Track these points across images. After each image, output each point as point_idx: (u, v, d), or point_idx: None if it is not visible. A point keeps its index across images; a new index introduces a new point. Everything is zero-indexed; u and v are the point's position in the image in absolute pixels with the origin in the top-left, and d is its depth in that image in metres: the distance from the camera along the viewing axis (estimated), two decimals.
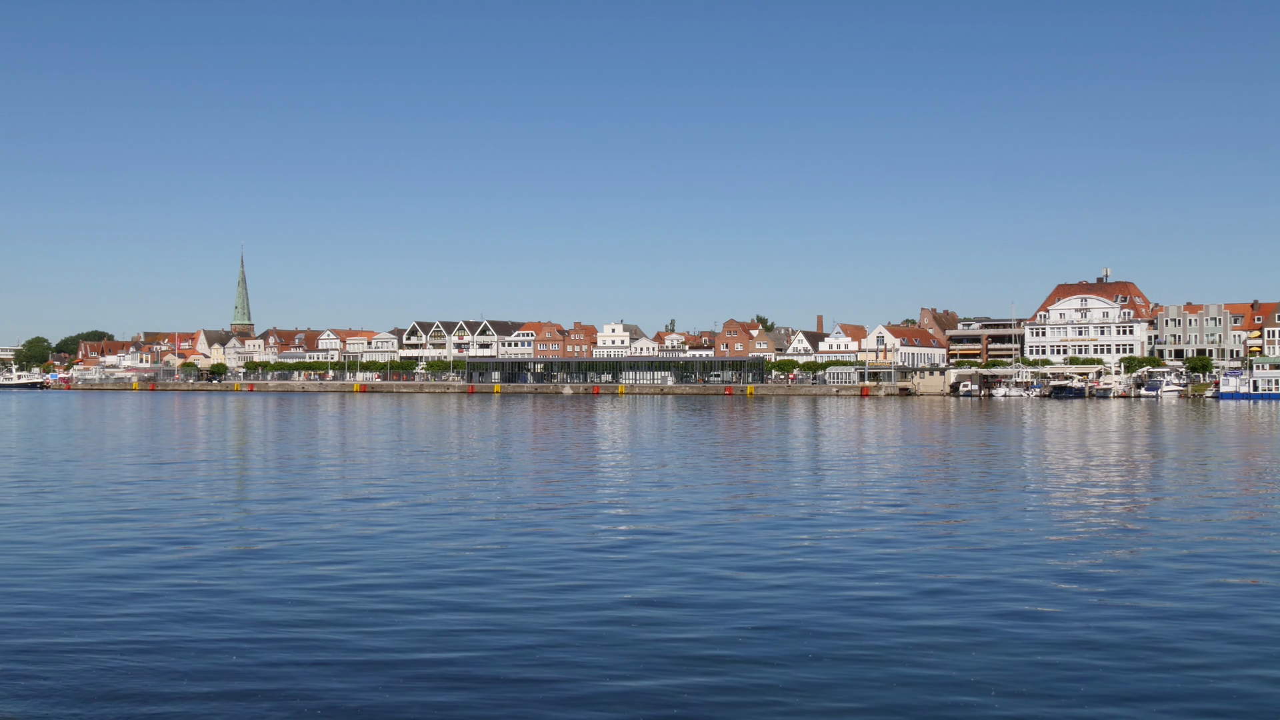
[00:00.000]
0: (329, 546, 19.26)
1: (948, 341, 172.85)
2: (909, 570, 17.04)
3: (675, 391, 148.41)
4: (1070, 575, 16.65)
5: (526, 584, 15.93)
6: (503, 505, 25.50)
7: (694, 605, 14.63)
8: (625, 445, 46.84)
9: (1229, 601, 14.86)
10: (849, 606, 14.55)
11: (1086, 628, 13.35)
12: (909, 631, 13.24)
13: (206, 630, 13.22)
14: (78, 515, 23.16)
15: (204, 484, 30.21)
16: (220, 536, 20.46)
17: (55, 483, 30.07)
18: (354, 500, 26.24)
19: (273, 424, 66.95)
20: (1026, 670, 11.66)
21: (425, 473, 33.90)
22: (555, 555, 18.41)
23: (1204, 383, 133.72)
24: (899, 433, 57.87)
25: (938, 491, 29.05)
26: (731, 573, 16.86)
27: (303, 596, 15.09)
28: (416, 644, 12.65)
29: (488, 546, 19.32)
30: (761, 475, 33.51)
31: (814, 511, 24.30)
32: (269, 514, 23.71)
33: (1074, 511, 24.61)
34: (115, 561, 17.67)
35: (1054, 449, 44.99)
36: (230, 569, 17.13)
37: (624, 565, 17.55)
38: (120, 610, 14.25)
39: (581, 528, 21.72)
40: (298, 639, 12.83)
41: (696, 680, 11.33)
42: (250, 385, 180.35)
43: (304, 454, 41.64)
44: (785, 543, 19.72)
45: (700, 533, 21.01)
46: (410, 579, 16.32)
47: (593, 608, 14.48)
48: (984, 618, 13.90)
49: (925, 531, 21.23)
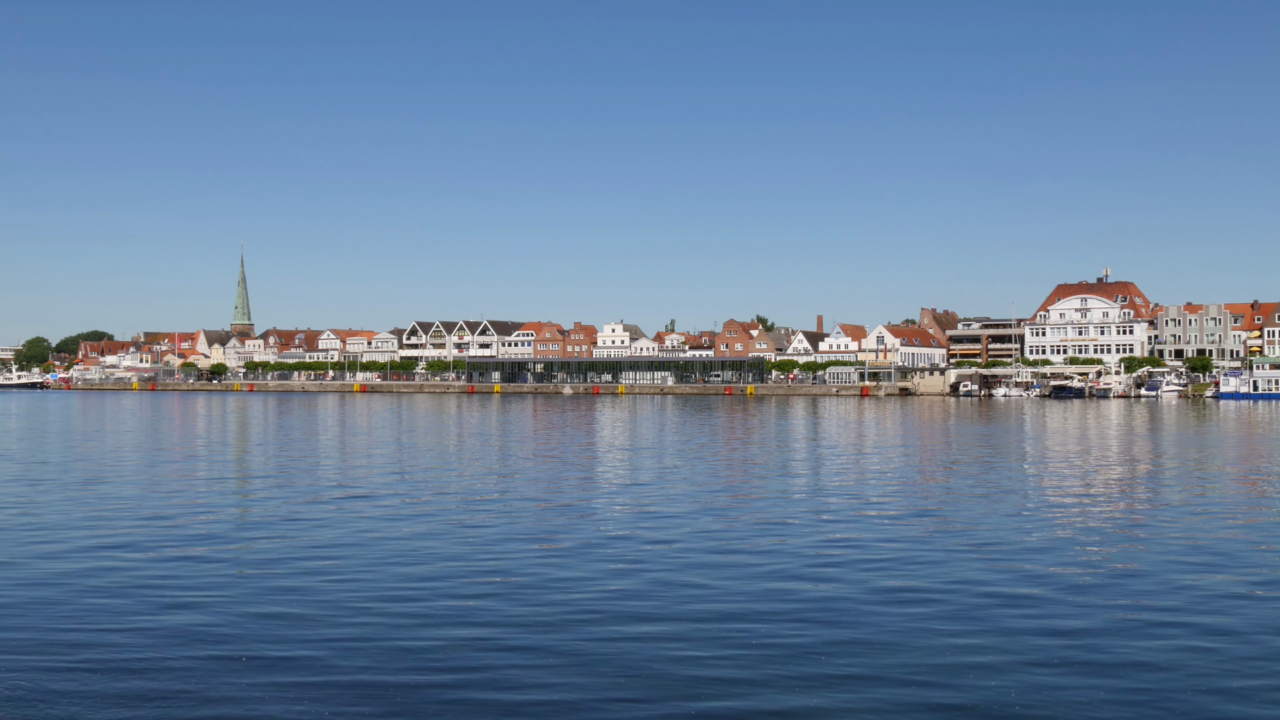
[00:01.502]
0: (326, 550, 19.26)
1: (948, 341, 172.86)
2: (908, 571, 17.04)
3: (675, 391, 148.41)
4: (1069, 575, 16.65)
5: (525, 584, 15.93)
6: (503, 507, 25.49)
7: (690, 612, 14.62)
8: (625, 445, 46.82)
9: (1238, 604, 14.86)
10: (850, 606, 14.56)
11: (1087, 628, 13.37)
12: (915, 634, 13.25)
13: (204, 622, 13.24)
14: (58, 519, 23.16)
15: (203, 486, 30.19)
16: (216, 540, 20.45)
17: (50, 482, 30.08)
18: (353, 500, 26.25)
19: (273, 424, 66.92)
20: (1040, 680, 11.66)
21: (424, 474, 33.89)
22: (555, 556, 18.42)
23: (1204, 383, 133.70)
24: (899, 433, 57.85)
25: (938, 491, 29.02)
26: (726, 578, 16.86)
27: (295, 603, 15.09)
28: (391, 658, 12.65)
29: (488, 550, 19.32)
30: (762, 475, 33.48)
31: (815, 510, 24.30)
32: (269, 514, 23.71)
33: (1074, 512, 24.59)
34: (99, 565, 17.67)
35: (1054, 449, 44.96)
36: (231, 572, 17.13)
37: (626, 566, 17.55)
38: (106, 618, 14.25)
39: (583, 528, 21.71)
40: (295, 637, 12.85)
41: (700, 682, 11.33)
42: (250, 385, 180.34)
43: (304, 454, 41.63)
44: (786, 543, 19.73)
45: (701, 533, 21.00)
46: (397, 589, 16.32)
47: (595, 624, 14.47)
48: (984, 617, 13.91)
49: (926, 532, 21.21)
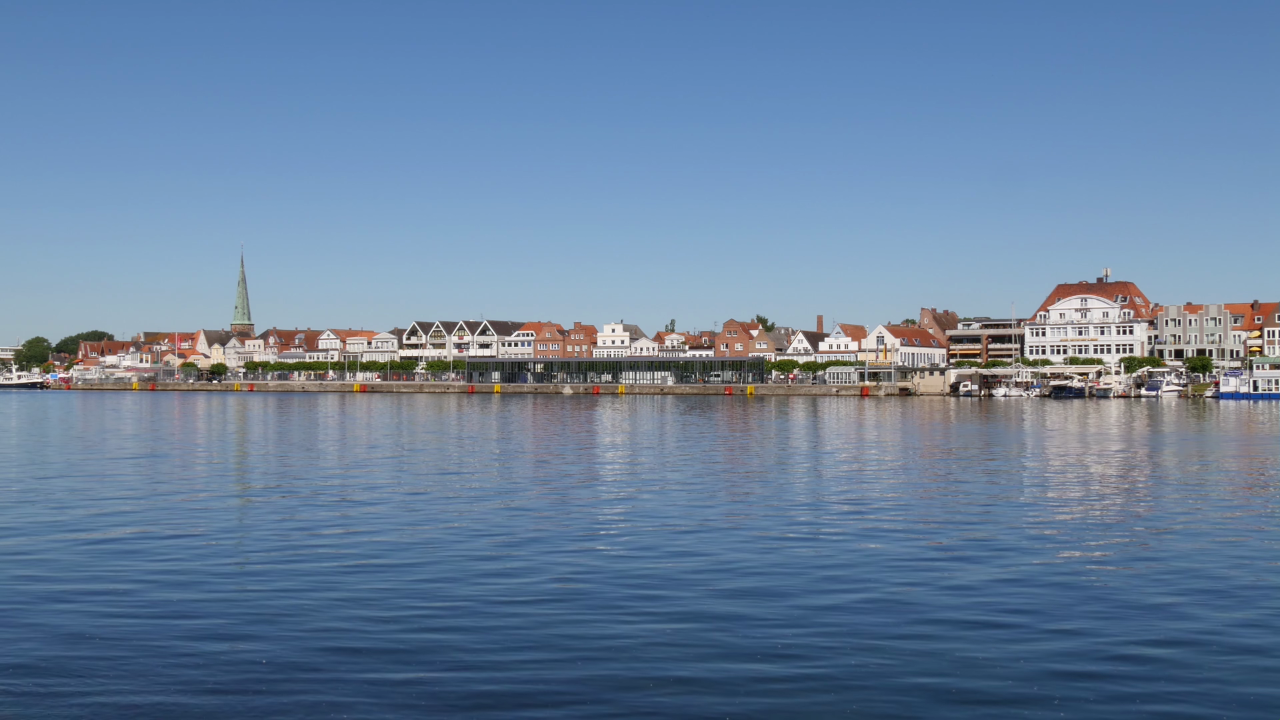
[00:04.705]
0: (327, 552, 19.27)
1: (948, 341, 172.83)
2: (910, 572, 17.05)
3: (675, 391, 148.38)
4: (1072, 575, 16.66)
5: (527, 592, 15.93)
6: (502, 507, 25.50)
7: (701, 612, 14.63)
8: (625, 445, 46.82)
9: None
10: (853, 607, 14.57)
11: (1089, 629, 13.38)
12: (921, 637, 13.26)
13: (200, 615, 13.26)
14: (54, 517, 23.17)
15: (202, 487, 30.21)
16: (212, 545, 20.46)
17: (43, 482, 30.10)
18: (352, 500, 26.27)
19: (273, 424, 66.93)
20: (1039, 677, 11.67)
21: (424, 475, 33.91)
22: (557, 558, 18.43)
23: (1204, 383, 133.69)
24: (899, 433, 57.86)
25: (937, 493, 29.03)
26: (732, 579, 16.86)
27: (302, 600, 15.10)
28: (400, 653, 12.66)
29: (491, 553, 19.33)
30: (762, 476, 33.50)
31: (817, 508, 24.32)
32: (266, 515, 23.73)
33: (1073, 512, 24.60)
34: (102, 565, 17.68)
35: (1054, 449, 44.97)
36: (232, 579, 17.13)
37: (628, 568, 17.55)
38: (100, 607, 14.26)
39: (582, 530, 21.72)
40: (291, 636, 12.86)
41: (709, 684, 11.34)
42: (250, 385, 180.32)
43: (304, 454, 41.65)
44: (788, 544, 19.73)
45: (702, 537, 21.02)
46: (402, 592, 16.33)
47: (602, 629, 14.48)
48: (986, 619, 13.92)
49: (925, 531, 21.22)
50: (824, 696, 10.74)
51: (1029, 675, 11.36)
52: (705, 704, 10.53)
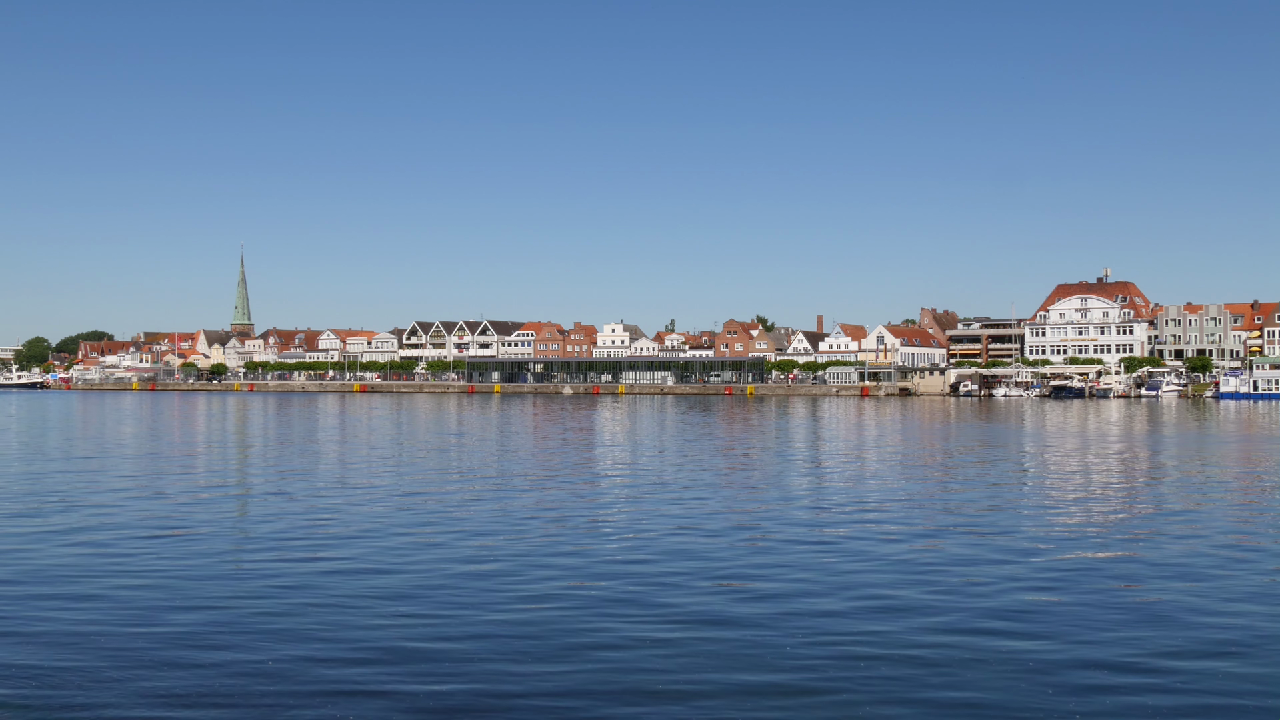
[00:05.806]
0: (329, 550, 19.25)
1: (948, 341, 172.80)
2: (908, 572, 17.03)
3: (675, 391, 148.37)
4: (1072, 577, 16.64)
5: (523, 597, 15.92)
6: (502, 506, 25.48)
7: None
8: (624, 446, 46.79)
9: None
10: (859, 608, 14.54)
11: (1088, 631, 13.35)
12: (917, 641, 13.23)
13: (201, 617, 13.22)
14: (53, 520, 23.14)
15: (202, 486, 30.17)
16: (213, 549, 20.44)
17: (41, 481, 30.07)
18: (353, 500, 26.23)
19: (273, 425, 66.91)
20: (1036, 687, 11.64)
21: (426, 478, 33.88)
22: (557, 558, 18.40)
23: (1204, 383, 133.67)
24: (898, 433, 57.84)
25: (938, 494, 28.99)
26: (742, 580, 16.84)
27: (303, 601, 15.08)
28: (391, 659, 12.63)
29: (490, 554, 19.30)
30: (762, 475, 33.46)
31: (817, 509, 24.30)
32: (267, 514, 23.70)
33: (1073, 515, 24.57)
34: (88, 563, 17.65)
35: (1054, 450, 44.95)
36: (231, 582, 17.11)
37: (628, 569, 17.53)
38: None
39: (583, 529, 21.68)
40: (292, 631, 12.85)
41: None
42: (250, 385, 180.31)
43: (303, 454, 41.62)
44: (788, 544, 19.70)
45: (702, 538, 20.99)
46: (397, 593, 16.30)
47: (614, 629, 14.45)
48: (982, 622, 13.89)
49: (925, 532, 21.19)
50: (825, 697, 10.71)
51: (1030, 679, 11.33)
52: (706, 707, 10.51)
